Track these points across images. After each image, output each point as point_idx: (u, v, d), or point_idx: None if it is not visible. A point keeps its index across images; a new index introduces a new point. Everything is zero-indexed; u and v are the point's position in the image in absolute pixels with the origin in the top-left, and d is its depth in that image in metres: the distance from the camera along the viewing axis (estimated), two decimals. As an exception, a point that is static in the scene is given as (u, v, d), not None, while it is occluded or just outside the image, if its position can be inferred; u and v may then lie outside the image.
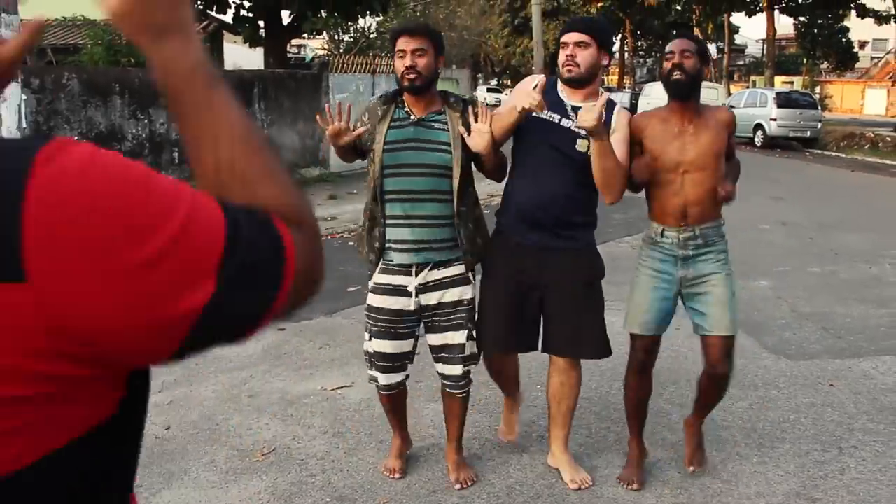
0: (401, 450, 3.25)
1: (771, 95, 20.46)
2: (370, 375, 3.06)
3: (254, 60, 19.45)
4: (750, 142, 19.66)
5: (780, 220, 9.43)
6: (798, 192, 12.02)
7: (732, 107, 19.44)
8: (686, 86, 2.90)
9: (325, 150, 12.66)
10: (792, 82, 38.22)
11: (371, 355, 3.00)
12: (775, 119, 19.69)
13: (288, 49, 17.16)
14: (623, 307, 3.13)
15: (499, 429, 3.42)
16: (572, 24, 2.94)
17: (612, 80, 43.66)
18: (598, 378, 3.95)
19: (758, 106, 20.05)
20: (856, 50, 39.17)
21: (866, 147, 19.83)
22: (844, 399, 4.01)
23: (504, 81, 53.12)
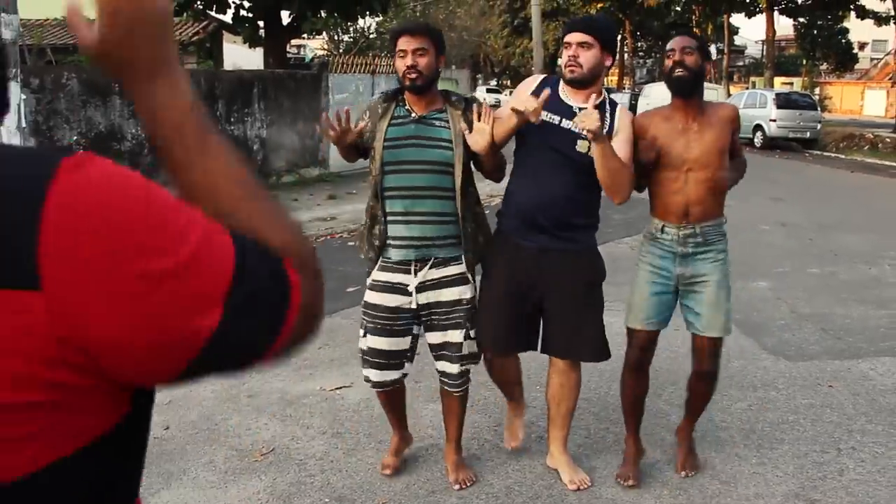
0: (398, 447, 3.25)
1: (770, 96, 20.47)
2: (364, 375, 3.05)
3: (253, 60, 19.45)
4: (749, 143, 19.64)
5: (780, 221, 9.43)
6: (797, 193, 12.03)
7: (732, 107, 19.49)
8: (688, 82, 2.89)
9: (325, 151, 12.66)
10: (791, 83, 38.21)
11: (365, 352, 3.00)
12: (775, 120, 19.70)
13: (287, 49, 17.15)
14: (622, 307, 3.13)
15: (504, 436, 3.36)
16: (575, 24, 2.91)
17: (612, 81, 43.66)
18: (598, 379, 3.95)
19: (757, 107, 20.06)
20: (855, 51, 39.20)
21: (866, 148, 19.84)
22: (843, 400, 4.01)
23: (504, 82, 53.13)
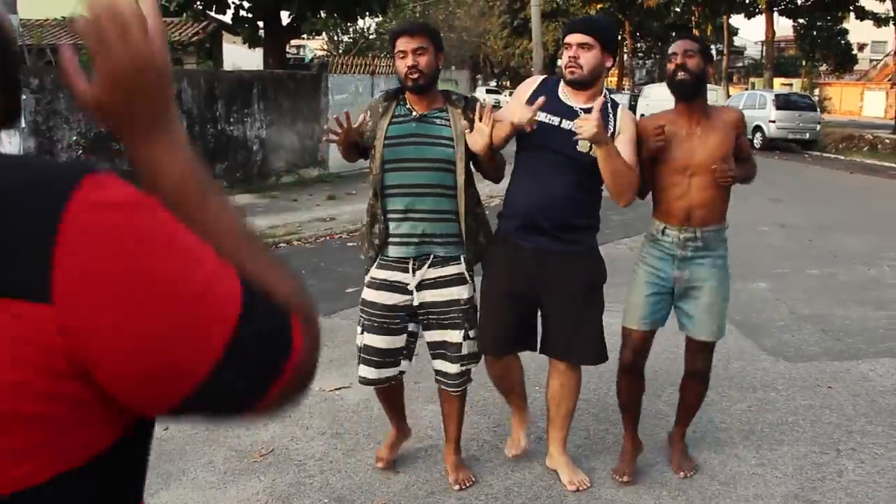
0: (394, 441, 3.28)
1: (770, 97, 20.47)
2: (359, 374, 3.04)
3: (253, 61, 19.46)
4: (749, 143, 19.66)
5: (779, 222, 9.43)
6: (797, 194, 12.03)
7: (731, 108, 19.49)
8: (691, 85, 2.89)
9: (324, 151, 12.66)
10: (791, 84, 38.24)
11: (361, 349, 3.01)
12: (774, 121, 19.70)
13: (287, 50, 17.15)
14: (619, 309, 3.13)
15: (507, 443, 3.27)
16: (575, 25, 2.89)
17: (612, 82, 43.68)
18: (597, 380, 3.95)
19: (757, 108, 20.05)
20: (855, 52, 39.28)
21: (865, 149, 19.85)
22: (843, 401, 4.01)
23: (503, 83, 53.14)
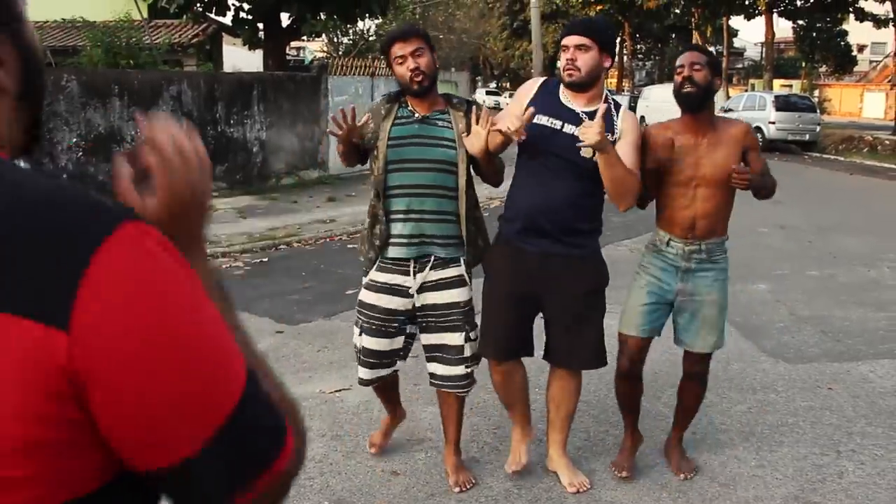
0: (388, 426, 3.36)
1: (770, 99, 20.48)
2: (359, 378, 3.11)
3: (253, 62, 19.47)
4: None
5: (779, 224, 9.43)
6: (796, 196, 12.02)
7: (731, 110, 19.50)
8: (697, 98, 2.88)
9: (324, 153, 12.66)
10: (791, 85, 38.25)
11: (360, 351, 3.04)
12: (774, 122, 19.71)
13: (287, 51, 17.15)
14: (619, 311, 3.13)
15: (508, 459, 3.16)
16: (572, 27, 2.88)
17: (612, 83, 43.69)
18: (597, 382, 3.95)
19: (756, 109, 20.07)
20: (854, 53, 39.31)
21: (865, 150, 19.86)
22: (843, 402, 4.01)
23: (503, 84, 53.16)
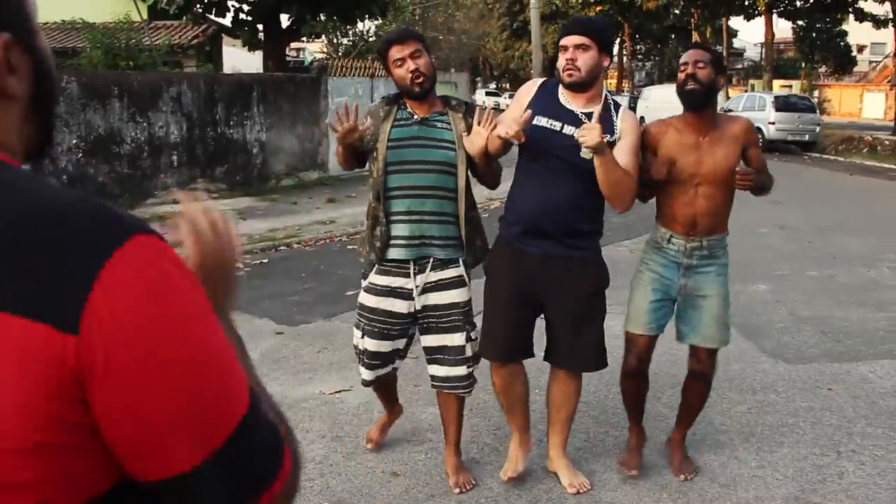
0: (385, 423, 3.43)
1: (769, 99, 20.50)
2: (362, 380, 3.16)
3: (253, 64, 19.46)
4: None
5: (779, 224, 9.43)
6: (796, 196, 12.03)
7: (730, 110, 19.49)
8: (700, 96, 2.89)
9: (324, 154, 12.67)
10: (790, 86, 38.27)
11: (362, 352, 3.05)
12: (774, 123, 19.73)
13: (287, 52, 17.15)
14: (620, 311, 3.13)
15: (504, 466, 3.12)
16: (571, 27, 2.86)
17: (611, 84, 43.69)
18: (597, 382, 3.95)
19: (756, 110, 20.06)
20: (854, 54, 39.31)
21: (864, 151, 19.87)
22: (843, 403, 4.01)
23: (503, 85, 53.17)
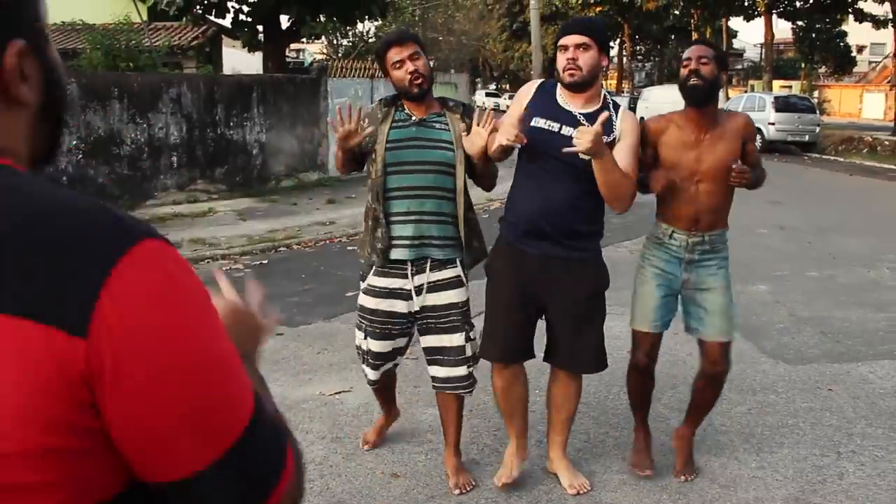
0: (383, 425, 3.46)
1: (769, 100, 20.49)
2: (368, 380, 3.18)
3: (253, 65, 19.47)
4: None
5: (779, 225, 9.43)
6: (796, 197, 12.03)
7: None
8: (703, 92, 2.88)
9: (324, 155, 12.67)
10: (790, 86, 38.26)
11: (366, 353, 3.07)
12: (773, 123, 19.72)
13: (287, 53, 17.16)
14: (620, 311, 3.13)
15: (498, 472, 3.09)
16: (571, 26, 2.84)
17: (611, 85, 43.68)
18: (597, 383, 3.95)
19: (756, 110, 20.02)
20: (854, 54, 39.29)
21: (864, 151, 19.87)
22: (843, 403, 4.01)
23: (503, 86, 53.19)
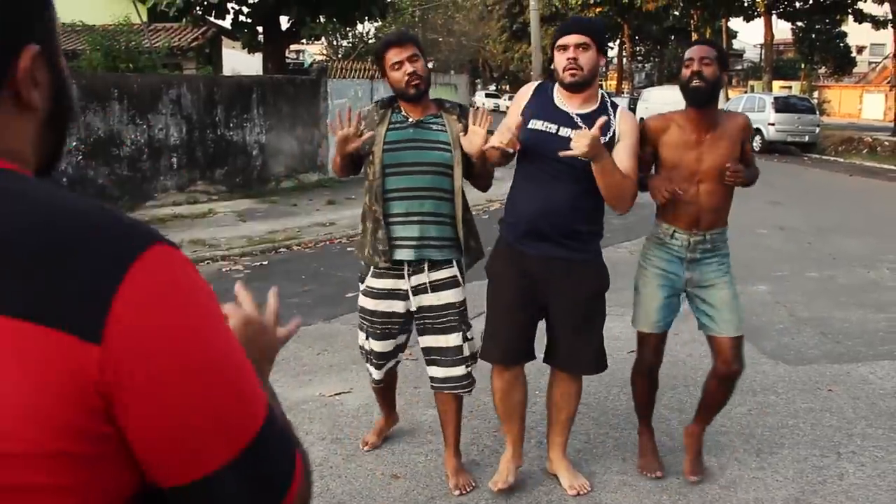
0: (382, 427, 3.48)
1: (769, 100, 20.50)
2: (372, 379, 3.23)
3: (252, 66, 19.48)
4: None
5: (779, 225, 9.43)
6: (796, 197, 12.04)
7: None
8: (705, 93, 2.88)
9: (324, 156, 12.67)
10: (790, 87, 38.25)
11: (369, 353, 3.13)
12: (773, 124, 19.73)
13: (286, 54, 17.16)
14: (620, 312, 3.13)
15: (494, 477, 3.06)
16: (571, 26, 2.83)
17: (611, 85, 43.71)
18: (597, 384, 3.95)
19: (756, 111, 20.04)
20: (853, 55, 39.32)
21: (864, 151, 19.88)
22: (843, 404, 4.01)
23: (502, 86, 53.24)
